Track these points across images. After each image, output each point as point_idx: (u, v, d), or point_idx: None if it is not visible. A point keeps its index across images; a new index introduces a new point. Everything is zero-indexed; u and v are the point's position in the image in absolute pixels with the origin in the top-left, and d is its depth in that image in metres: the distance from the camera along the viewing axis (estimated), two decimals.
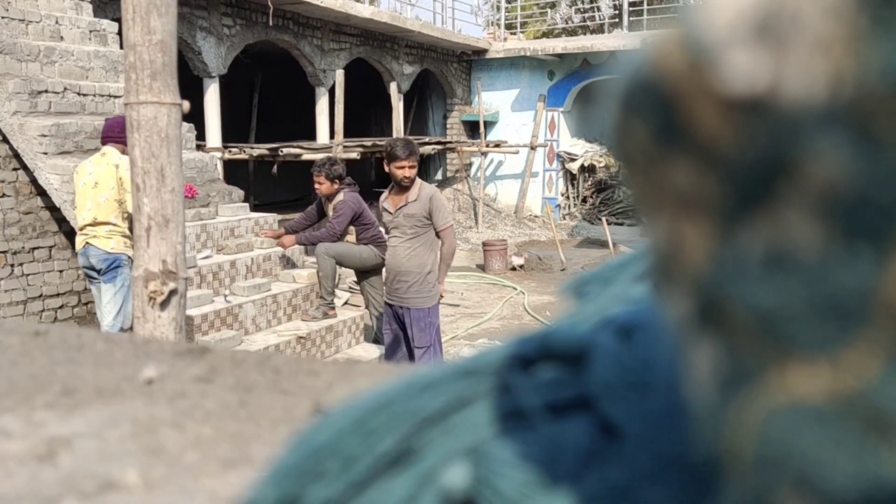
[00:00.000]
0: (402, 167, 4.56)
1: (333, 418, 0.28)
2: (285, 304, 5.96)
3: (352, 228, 5.84)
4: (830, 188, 0.16)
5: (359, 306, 7.26)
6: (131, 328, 4.87)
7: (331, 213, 5.76)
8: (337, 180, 5.71)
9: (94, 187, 4.72)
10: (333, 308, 6.08)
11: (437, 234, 4.65)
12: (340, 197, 5.70)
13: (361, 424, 0.27)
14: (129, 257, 4.67)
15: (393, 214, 4.65)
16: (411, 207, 4.59)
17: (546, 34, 18.53)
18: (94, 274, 4.81)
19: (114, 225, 4.69)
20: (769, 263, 0.17)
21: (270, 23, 9.79)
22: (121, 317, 4.74)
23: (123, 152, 4.74)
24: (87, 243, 4.75)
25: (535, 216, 14.27)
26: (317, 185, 5.73)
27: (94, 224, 4.72)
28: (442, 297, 4.90)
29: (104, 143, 4.88)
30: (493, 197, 14.46)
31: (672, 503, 0.21)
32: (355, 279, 8.08)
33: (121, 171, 4.57)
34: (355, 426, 0.27)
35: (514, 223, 13.56)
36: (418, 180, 4.68)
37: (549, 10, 20.19)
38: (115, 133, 4.80)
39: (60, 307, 6.24)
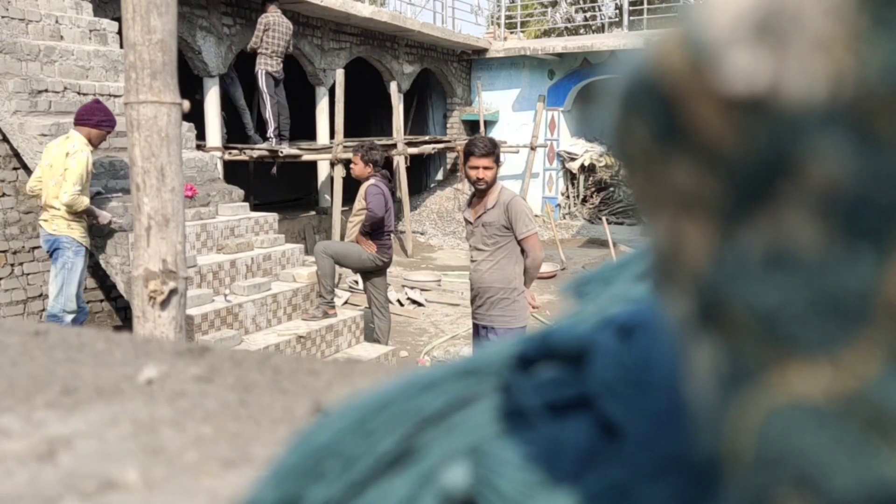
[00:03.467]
0: (476, 167, 3.95)
1: (333, 418, 0.28)
2: (285, 303, 5.96)
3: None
4: (831, 188, 0.16)
5: (359, 305, 7.26)
6: (79, 311, 4.93)
7: (358, 203, 5.74)
8: (371, 164, 5.70)
9: (49, 168, 4.82)
10: (334, 307, 6.07)
11: (520, 245, 4.01)
12: (370, 181, 5.67)
13: (361, 424, 0.27)
14: (75, 239, 4.82)
15: (473, 224, 4.06)
16: (489, 215, 3.98)
17: (546, 33, 18.54)
18: None
19: (55, 208, 4.78)
20: (770, 263, 0.17)
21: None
22: (62, 298, 4.86)
23: (88, 136, 4.89)
24: (39, 225, 4.95)
25: (536, 216, 14.27)
26: (352, 166, 5.81)
27: (45, 208, 4.84)
28: (535, 307, 4.28)
29: (74, 125, 4.97)
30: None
31: (672, 503, 0.21)
32: (355, 279, 8.09)
33: (68, 160, 4.72)
34: (355, 426, 0.27)
35: None
36: (499, 184, 4.06)
37: (549, 10, 20.19)
38: (82, 117, 4.93)
39: None
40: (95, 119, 4.95)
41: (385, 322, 6.03)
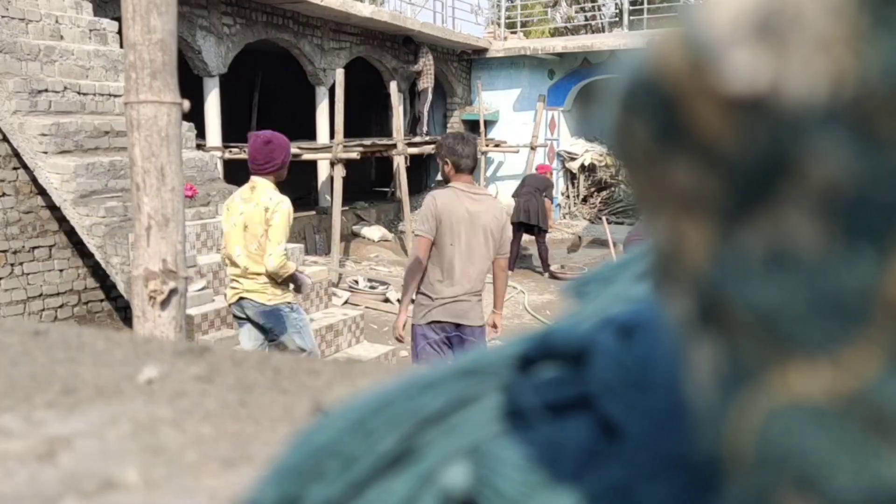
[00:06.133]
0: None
1: (333, 418, 0.28)
2: None
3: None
4: (831, 188, 0.16)
5: (359, 305, 7.27)
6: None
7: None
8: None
9: (244, 230, 3.96)
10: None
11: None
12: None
13: (361, 424, 0.27)
14: (289, 303, 4.03)
15: None
16: None
17: (546, 33, 18.53)
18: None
19: (259, 274, 3.92)
20: (770, 263, 0.17)
21: None
22: (309, 345, 4.16)
23: (279, 182, 4.08)
24: (241, 297, 4.01)
25: None
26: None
27: (246, 275, 3.96)
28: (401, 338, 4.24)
29: (254, 173, 4.14)
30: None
31: (672, 503, 0.21)
32: (355, 279, 8.07)
33: (269, 215, 3.86)
34: (355, 426, 0.27)
35: None
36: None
37: (549, 10, 20.18)
38: (258, 163, 4.06)
39: (60, 306, 6.24)
40: (279, 159, 4.11)
41: None
